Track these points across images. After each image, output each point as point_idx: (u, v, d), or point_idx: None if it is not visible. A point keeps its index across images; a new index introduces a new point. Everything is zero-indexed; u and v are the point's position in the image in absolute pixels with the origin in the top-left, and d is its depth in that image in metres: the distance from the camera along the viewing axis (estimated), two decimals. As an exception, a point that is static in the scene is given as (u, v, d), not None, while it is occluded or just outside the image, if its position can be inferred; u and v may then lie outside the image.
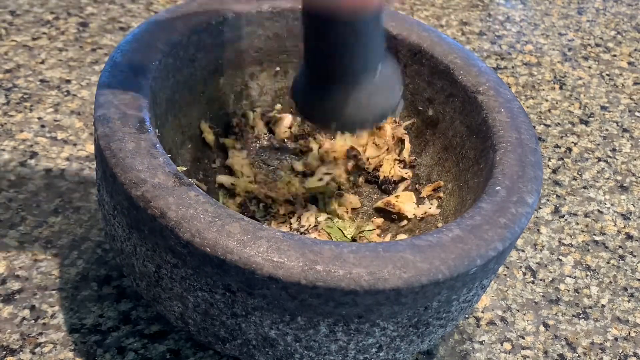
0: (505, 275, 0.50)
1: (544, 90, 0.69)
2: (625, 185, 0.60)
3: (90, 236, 0.46)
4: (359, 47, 0.36)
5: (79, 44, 0.62)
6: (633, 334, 0.48)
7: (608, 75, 0.72)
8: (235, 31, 0.44)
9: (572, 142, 0.63)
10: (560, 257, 0.53)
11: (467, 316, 0.47)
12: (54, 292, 0.43)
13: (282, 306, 0.31)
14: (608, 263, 0.53)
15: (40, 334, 0.41)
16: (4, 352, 0.39)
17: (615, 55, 0.75)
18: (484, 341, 0.46)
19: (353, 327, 0.33)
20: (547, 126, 0.65)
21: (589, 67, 0.73)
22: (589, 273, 0.52)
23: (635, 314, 0.50)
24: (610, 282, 0.52)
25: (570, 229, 0.55)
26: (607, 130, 0.65)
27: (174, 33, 0.41)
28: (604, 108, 0.68)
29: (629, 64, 0.75)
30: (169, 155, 0.34)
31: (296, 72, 0.42)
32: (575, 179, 0.60)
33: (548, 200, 0.57)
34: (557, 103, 0.68)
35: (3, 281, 0.43)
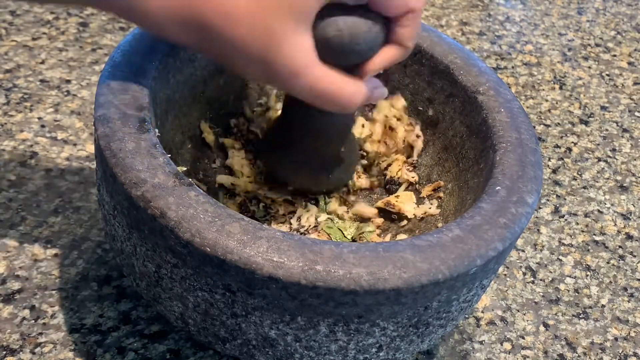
0: (505, 275, 0.50)
1: (544, 90, 0.69)
2: (625, 185, 0.60)
3: (90, 236, 0.46)
4: (330, 130, 0.41)
5: (79, 44, 0.62)
6: (633, 334, 0.48)
7: (608, 75, 0.72)
8: (235, 31, 0.44)
9: (572, 142, 0.63)
10: (560, 257, 0.53)
11: (467, 316, 0.47)
12: (54, 292, 0.43)
13: (282, 306, 0.31)
14: (608, 263, 0.53)
15: (40, 334, 0.41)
16: (4, 352, 0.39)
17: (615, 55, 0.75)
18: (484, 341, 0.46)
19: (353, 327, 0.33)
20: (547, 126, 0.65)
21: (589, 67, 0.73)
22: (589, 273, 0.52)
23: (635, 314, 0.50)
24: (610, 282, 0.52)
25: (570, 229, 0.55)
26: (607, 130, 0.65)
27: (174, 33, 0.41)
28: (604, 108, 0.68)
29: (629, 64, 0.75)
30: (169, 155, 0.34)
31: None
32: (575, 179, 0.60)
33: (548, 200, 0.57)
34: (557, 103, 0.68)
35: (3, 281, 0.43)
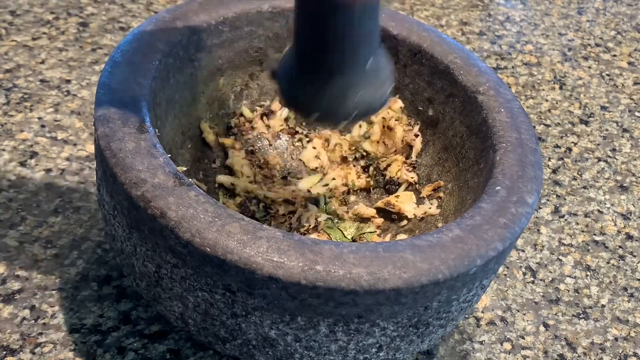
0: (505, 275, 0.50)
1: (544, 90, 0.69)
2: (625, 185, 0.60)
3: (90, 236, 0.46)
4: (352, 36, 0.34)
5: (79, 44, 0.62)
6: (633, 334, 0.48)
7: (608, 75, 0.72)
8: (235, 31, 0.44)
9: (572, 142, 0.63)
10: (560, 257, 0.53)
11: (467, 316, 0.47)
12: (54, 292, 0.43)
13: (282, 306, 0.31)
14: (608, 263, 0.53)
15: (40, 334, 0.41)
16: (4, 352, 0.39)
17: (615, 55, 0.75)
18: (484, 341, 0.46)
19: (353, 327, 0.33)
20: (547, 126, 0.65)
21: (589, 67, 0.73)
22: (589, 273, 0.52)
23: (635, 314, 0.49)
24: (610, 282, 0.52)
25: (570, 229, 0.55)
26: (607, 130, 0.65)
27: (174, 33, 0.41)
28: (604, 108, 0.68)
29: (629, 64, 0.75)
30: (169, 155, 0.34)
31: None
32: (575, 179, 0.60)
33: (548, 200, 0.57)
34: (557, 103, 0.68)
35: (3, 281, 0.43)
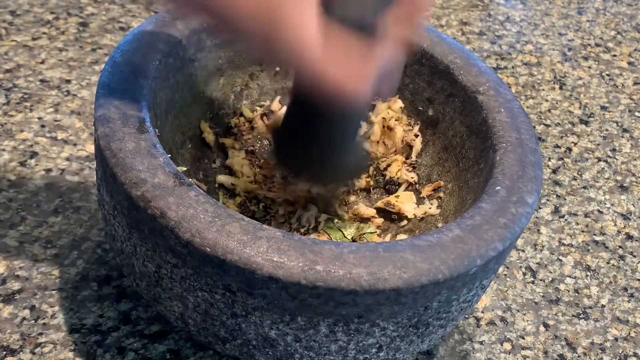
0: (505, 275, 0.50)
1: (544, 90, 0.69)
2: (625, 185, 0.60)
3: (90, 236, 0.46)
4: (343, 127, 0.40)
5: (79, 44, 0.62)
6: (633, 334, 0.48)
7: (608, 75, 0.72)
8: (235, 31, 0.44)
9: (572, 142, 0.63)
10: (560, 257, 0.53)
11: (467, 316, 0.47)
12: (54, 292, 0.43)
13: (282, 306, 0.31)
14: (608, 263, 0.53)
15: (40, 334, 0.41)
16: (4, 352, 0.39)
17: (615, 55, 0.75)
18: (484, 341, 0.46)
19: (353, 327, 0.33)
20: (547, 126, 0.65)
21: (589, 67, 0.73)
22: (589, 273, 0.52)
23: (635, 314, 0.49)
24: (610, 282, 0.52)
25: (570, 229, 0.55)
26: (607, 130, 0.65)
27: (174, 33, 0.41)
28: (604, 108, 0.68)
29: (629, 64, 0.75)
30: (169, 155, 0.34)
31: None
32: (575, 179, 0.60)
33: (548, 200, 0.57)
34: (557, 103, 0.68)
35: (3, 281, 0.43)
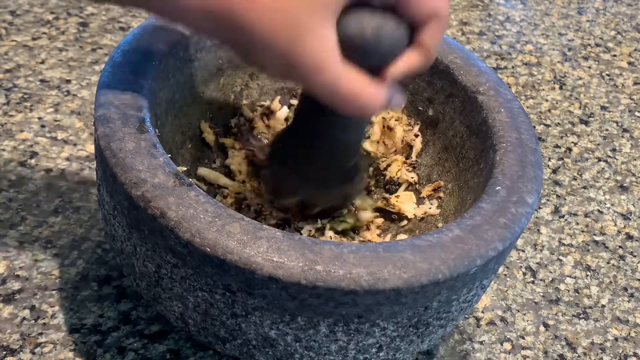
0: (505, 275, 0.50)
1: (544, 90, 0.69)
2: (625, 185, 0.60)
3: (90, 236, 0.46)
4: (344, 141, 0.39)
5: (79, 44, 0.62)
6: (633, 334, 0.48)
7: (608, 75, 0.72)
8: (235, 31, 0.44)
9: (572, 142, 0.63)
10: (560, 257, 0.53)
11: (467, 316, 0.47)
12: (54, 292, 0.43)
13: (282, 306, 0.31)
14: (608, 263, 0.53)
15: (40, 334, 0.41)
16: (4, 352, 0.39)
17: (615, 55, 0.75)
18: (484, 341, 0.46)
19: (353, 327, 0.33)
20: (547, 126, 0.65)
21: (589, 67, 0.73)
22: (589, 273, 0.52)
23: (635, 314, 0.49)
24: (610, 282, 0.52)
25: (570, 229, 0.55)
26: (607, 130, 0.65)
27: (174, 33, 0.41)
28: (604, 108, 0.68)
29: (629, 64, 0.75)
30: (169, 155, 0.34)
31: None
32: (575, 179, 0.60)
33: (548, 200, 0.57)
34: (557, 103, 0.68)
35: (3, 281, 0.43)
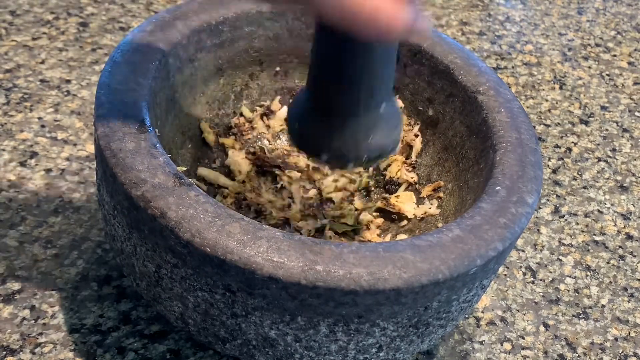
0: (505, 275, 0.50)
1: (544, 90, 0.69)
2: (625, 185, 0.60)
3: (90, 236, 0.46)
4: (370, 79, 0.34)
5: (79, 44, 0.62)
6: (633, 334, 0.48)
7: (608, 75, 0.72)
8: (235, 31, 0.44)
9: (572, 142, 0.63)
10: (560, 257, 0.53)
11: (467, 316, 0.47)
12: (54, 292, 0.43)
13: (282, 306, 0.31)
14: (608, 263, 0.53)
15: (40, 334, 0.41)
16: (4, 352, 0.39)
17: (615, 55, 0.75)
18: (484, 341, 0.46)
19: (353, 327, 0.33)
20: (547, 126, 0.65)
21: (589, 67, 0.73)
22: (589, 273, 0.52)
23: (635, 314, 0.49)
24: (610, 282, 0.52)
25: (570, 229, 0.55)
26: (607, 130, 0.65)
27: (174, 33, 0.41)
28: (604, 108, 0.68)
29: (629, 64, 0.75)
30: (169, 155, 0.34)
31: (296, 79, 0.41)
32: (575, 179, 0.60)
33: (548, 200, 0.57)
34: (557, 103, 0.68)
35: (3, 281, 0.43)
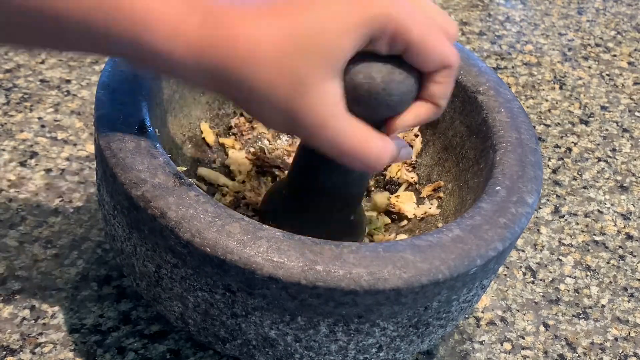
0: (505, 275, 0.50)
1: (544, 90, 0.69)
2: (625, 185, 0.60)
3: (90, 236, 0.46)
4: (346, 192, 0.39)
5: (79, 44, 0.62)
6: (633, 334, 0.48)
7: (608, 75, 0.72)
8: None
9: (572, 142, 0.63)
10: (560, 257, 0.53)
11: (467, 316, 0.47)
12: (54, 292, 0.43)
13: (282, 306, 0.31)
14: (608, 263, 0.53)
15: (40, 334, 0.41)
16: (4, 352, 0.39)
17: (615, 55, 0.75)
18: (484, 341, 0.46)
19: (353, 327, 0.33)
20: (547, 126, 0.65)
21: (589, 67, 0.73)
22: (589, 273, 0.52)
23: (635, 314, 0.49)
24: (610, 282, 0.52)
25: (570, 229, 0.55)
26: (607, 130, 0.65)
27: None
28: (604, 108, 0.68)
29: (629, 64, 0.75)
30: (169, 155, 0.34)
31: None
32: (575, 179, 0.60)
33: (548, 200, 0.57)
34: (557, 103, 0.68)
35: (3, 281, 0.43)
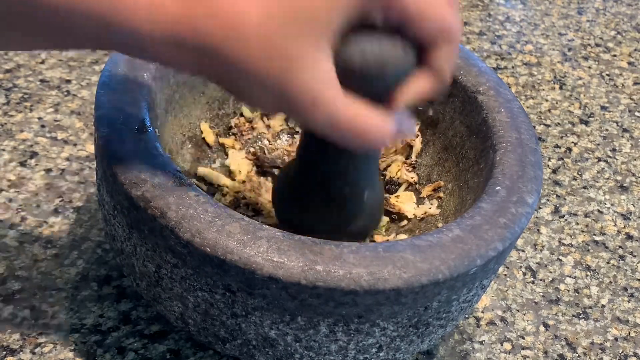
0: (505, 275, 0.50)
1: (544, 90, 0.69)
2: (625, 185, 0.60)
3: (90, 236, 0.46)
4: (355, 174, 0.38)
5: (79, 44, 0.62)
6: (633, 334, 0.48)
7: (608, 75, 0.72)
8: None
9: (572, 142, 0.63)
10: (560, 257, 0.53)
11: (467, 316, 0.47)
12: (54, 292, 0.43)
13: (282, 306, 0.31)
14: (608, 263, 0.53)
15: (40, 334, 0.41)
16: (4, 352, 0.39)
17: (615, 55, 0.75)
18: (484, 341, 0.46)
19: (353, 327, 0.33)
20: (547, 126, 0.65)
21: (589, 67, 0.73)
22: (589, 273, 0.52)
23: (635, 314, 0.49)
24: (610, 282, 0.52)
25: (570, 229, 0.55)
26: (607, 130, 0.65)
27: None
28: (604, 108, 0.68)
29: (629, 64, 0.75)
30: (169, 155, 0.34)
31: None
32: (575, 179, 0.60)
33: (548, 200, 0.57)
34: (557, 103, 0.68)
35: (3, 281, 0.43)
